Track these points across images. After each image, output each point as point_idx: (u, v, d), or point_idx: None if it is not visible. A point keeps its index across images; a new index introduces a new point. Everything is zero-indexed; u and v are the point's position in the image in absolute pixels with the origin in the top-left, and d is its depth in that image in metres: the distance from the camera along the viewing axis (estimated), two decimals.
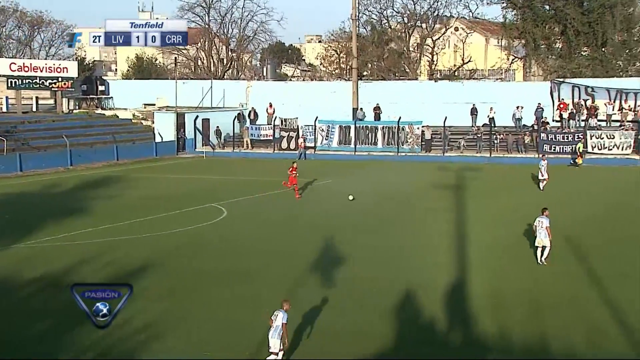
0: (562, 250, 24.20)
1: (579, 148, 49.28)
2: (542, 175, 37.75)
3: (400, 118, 55.27)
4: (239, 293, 20.27)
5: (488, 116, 54.93)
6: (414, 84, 65.79)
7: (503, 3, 68.66)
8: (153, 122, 61.46)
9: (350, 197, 30.37)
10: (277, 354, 14.26)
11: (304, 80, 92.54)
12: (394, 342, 16.33)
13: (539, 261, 22.52)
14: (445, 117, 53.41)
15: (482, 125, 55.26)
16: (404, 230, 28.62)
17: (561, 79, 57.84)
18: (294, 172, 35.76)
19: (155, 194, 38.65)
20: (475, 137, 54.46)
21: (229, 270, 22.63)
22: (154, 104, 65.29)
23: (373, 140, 56.31)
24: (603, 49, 64.45)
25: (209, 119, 60.80)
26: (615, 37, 64.55)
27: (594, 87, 55.24)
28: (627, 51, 66.03)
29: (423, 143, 55.09)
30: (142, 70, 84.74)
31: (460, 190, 37.43)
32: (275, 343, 14.26)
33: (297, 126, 58.34)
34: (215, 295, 20.15)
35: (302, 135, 57.00)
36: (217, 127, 59.92)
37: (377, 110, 58.48)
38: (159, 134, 59.38)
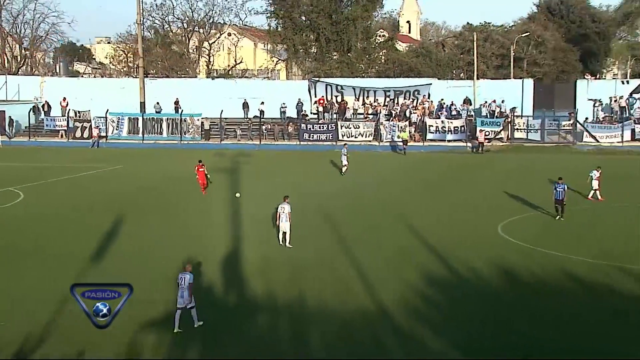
0: (318, 223, 25.08)
1: (399, 136, 49.87)
2: (344, 162, 37.62)
3: (182, 110, 54.59)
4: (32, 269, 19.09)
5: (258, 109, 55.52)
6: (194, 81, 65.30)
7: (267, 13, 69.66)
8: None
9: (237, 195, 29.13)
10: (193, 307, 15.09)
11: (95, 77, 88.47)
12: (174, 307, 16.02)
13: (280, 243, 21.65)
14: (222, 110, 53.24)
15: (253, 117, 55.77)
16: (184, 209, 28.17)
17: (317, 79, 59.70)
18: (201, 169, 31.59)
19: None
20: (247, 127, 54.85)
21: (24, 249, 21.19)
22: None
23: (159, 130, 55.16)
24: (349, 54, 67.45)
25: (4, 111, 56.79)
26: (358, 44, 67.89)
27: (343, 85, 57.58)
28: (367, 56, 69.64)
29: (203, 132, 54.72)
30: None
31: (234, 173, 37.52)
32: (189, 299, 15.01)
33: (90, 118, 55.82)
34: (8, 271, 18.81)
35: (96, 125, 54.55)
36: (10, 117, 56.03)
37: (176, 104, 56.95)
38: None
